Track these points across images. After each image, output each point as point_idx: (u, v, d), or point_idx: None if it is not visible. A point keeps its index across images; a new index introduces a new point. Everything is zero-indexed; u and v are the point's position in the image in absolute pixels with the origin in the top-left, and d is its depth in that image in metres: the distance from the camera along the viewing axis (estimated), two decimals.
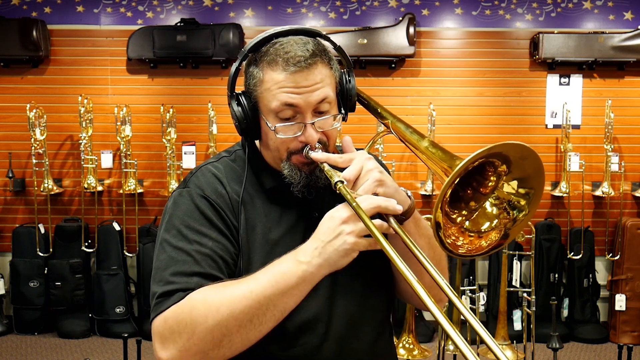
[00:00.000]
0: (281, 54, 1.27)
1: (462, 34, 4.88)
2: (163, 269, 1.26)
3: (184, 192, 1.34)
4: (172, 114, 4.66)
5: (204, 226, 1.29)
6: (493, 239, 1.21)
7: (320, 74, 1.29)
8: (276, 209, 1.36)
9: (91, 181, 4.71)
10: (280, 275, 1.18)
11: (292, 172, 1.33)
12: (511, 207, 1.21)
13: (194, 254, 1.26)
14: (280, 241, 1.34)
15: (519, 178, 1.19)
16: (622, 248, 4.64)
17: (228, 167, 1.39)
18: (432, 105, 4.65)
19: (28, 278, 4.66)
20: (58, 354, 4.35)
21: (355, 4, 4.87)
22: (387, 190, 1.24)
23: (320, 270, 1.18)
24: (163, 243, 1.29)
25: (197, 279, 1.24)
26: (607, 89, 4.83)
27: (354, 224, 1.16)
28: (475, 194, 1.24)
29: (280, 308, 1.19)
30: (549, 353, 3.98)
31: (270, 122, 1.30)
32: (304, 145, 1.31)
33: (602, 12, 4.84)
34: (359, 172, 1.24)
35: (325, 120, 1.32)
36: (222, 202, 1.32)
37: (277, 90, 1.28)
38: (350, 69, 1.39)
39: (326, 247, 1.16)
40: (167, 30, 4.68)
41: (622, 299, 4.58)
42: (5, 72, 4.87)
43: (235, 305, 1.17)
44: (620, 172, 4.72)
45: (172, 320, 1.20)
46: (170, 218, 1.32)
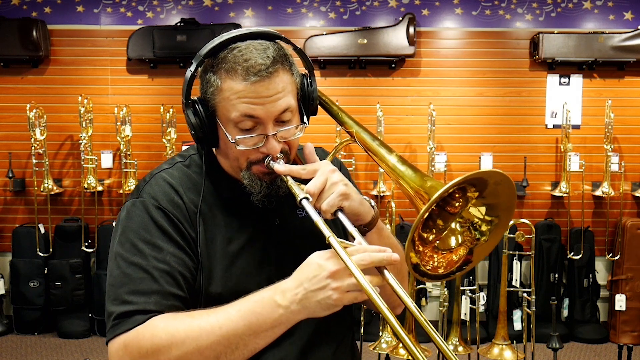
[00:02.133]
0: (240, 61, 1.20)
1: (462, 34, 4.88)
2: (118, 286, 1.20)
3: (137, 203, 1.27)
4: (172, 114, 4.66)
5: (160, 239, 1.22)
6: (461, 253, 1.20)
7: (281, 82, 1.22)
8: (235, 219, 1.31)
9: (91, 181, 4.71)
10: (255, 315, 1.12)
11: (252, 182, 1.27)
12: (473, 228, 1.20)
13: (151, 270, 1.19)
14: (241, 252, 1.29)
15: (488, 204, 1.17)
16: (622, 248, 4.64)
17: (183, 174, 1.32)
18: (432, 105, 4.65)
19: (28, 278, 4.66)
20: (58, 354, 4.35)
21: (355, 4, 4.87)
22: (352, 204, 1.22)
23: (298, 316, 1.12)
24: (117, 258, 1.23)
25: (156, 297, 1.18)
26: (607, 89, 4.83)
27: (342, 280, 1.08)
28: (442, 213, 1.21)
29: (251, 347, 1.14)
30: (549, 353, 3.98)
31: (230, 132, 1.24)
32: (265, 155, 1.25)
33: (602, 12, 4.84)
34: (323, 184, 1.20)
35: (287, 131, 1.26)
36: (179, 213, 1.26)
37: (236, 100, 1.21)
38: (312, 71, 1.34)
39: (308, 296, 1.10)
40: (167, 30, 4.68)
41: (622, 299, 4.58)
42: (5, 72, 4.87)
43: (202, 340, 1.12)
44: (620, 172, 4.72)
45: (132, 347, 1.15)
46: (124, 231, 1.24)
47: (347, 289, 1.08)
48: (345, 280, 1.08)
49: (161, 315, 1.17)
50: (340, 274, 1.08)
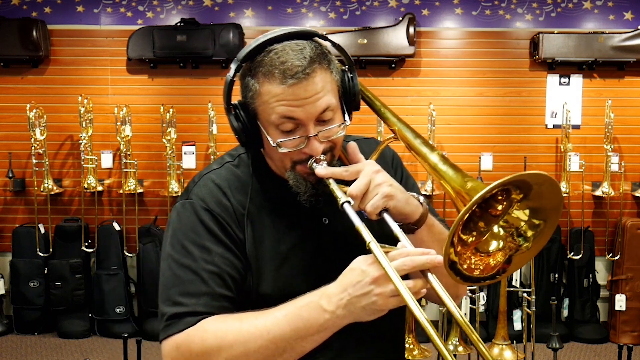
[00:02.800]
0: (277, 64, 1.19)
1: (462, 34, 4.88)
2: (169, 287, 1.23)
3: (186, 204, 1.29)
4: (172, 114, 4.65)
5: (209, 241, 1.24)
6: (498, 260, 1.17)
7: (320, 82, 1.21)
8: (284, 219, 1.31)
9: (91, 181, 4.71)
10: (301, 320, 1.13)
11: (297, 182, 1.27)
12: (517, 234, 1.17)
13: (200, 272, 1.22)
14: (290, 253, 1.29)
15: (533, 208, 1.15)
16: (622, 248, 4.63)
17: (231, 174, 1.32)
18: (432, 105, 4.65)
19: (28, 278, 4.66)
20: (58, 354, 4.35)
21: (355, 4, 4.87)
22: (397, 204, 1.20)
23: (343, 321, 1.13)
24: (168, 259, 1.26)
25: (206, 299, 1.21)
26: (607, 89, 4.83)
27: (384, 286, 1.08)
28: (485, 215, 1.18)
29: (298, 351, 1.16)
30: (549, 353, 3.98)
31: (271, 135, 1.24)
32: (309, 156, 1.24)
33: (602, 12, 4.84)
34: (366, 186, 1.19)
35: (329, 130, 1.25)
36: (227, 215, 1.27)
37: (275, 103, 1.20)
38: (352, 66, 1.31)
39: (352, 301, 1.10)
40: (167, 30, 4.68)
41: (622, 299, 4.58)
42: (5, 72, 4.87)
43: (250, 344, 1.15)
44: (620, 172, 4.72)
45: (184, 348, 1.18)
46: (174, 232, 1.27)
47: (390, 294, 1.08)
48: (388, 286, 1.08)
49: (211, 318, 1.19)
50: (382, 279, 1.08)
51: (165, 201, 4.79)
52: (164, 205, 4.82)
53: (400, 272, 1.07)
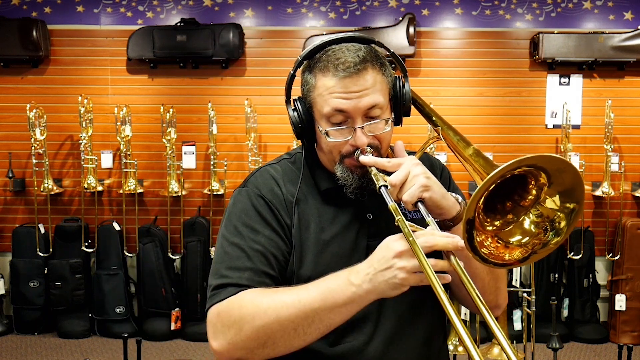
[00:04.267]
0: (332, 60, 1.31)
1: (462, 34, 4.88)
2: (219, 262, 1.34)
3: (242, 191, 1.41)
4: (172, 114, 4.65)
5: (258, 224, 1.35)
6: (514, 256, 1.18)
7: (370, 79, 1.31)
8: (330, 210, 1.40)
9: (91, 181, 4.71)
10: (330, 292, 1.20)
11: (344, 174, 1.36)
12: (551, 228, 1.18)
13: (247, 249, 1.32)
14: (332, 241, 1.37)
15: (561, 192, 1.16)
16: (622, 248, 4.63)
17: (287, 168, 1.44)
18: (432, 105, 4.64)
19: (28, 278, 4.66)
20: (58, 354, 4.35)
21: (355, 4, 4.87)
22: (433, 196, 1.24)
23: (369, 296, 1.18)
24: (221, 238, 1.37)
25: (249, 274, 1.30)
26: (607, 89, 4.83)
27: (407, 260, 1.14)
28: (515, 207, 1.21)
29: (326, 323, 1.22)
30: (549, 353, 3.98)
31: (322, 126, 1.34)
32: (355, 148, 1.33)
33: (602, 12, 4.84)
34: (405, 177, 1.25)
35: (375, 124, 1.33)
36: (277, 202, 1.37)
37: (328, 95, 1.31)
38: (405, 74, 1.41)
39: (377, 276, 1.16)
40: (167, 30, 4.68)
41: (622, 299, 4.58)
42: (5, 72, 4.87)
43: (282, 312, 1.21)
44: (620, 172, 4.72)
45: (223, 314, 1.26)
46: (229, 215, 1.39)
47: (412, 270, 1.13)
48: (410, 260, 1.14)
49: (250, 290, 1.27)
50: (405, 254, 1.14)
51: (165, 201, 4.79)
52: (163, 205, 4.82)
53: (424, 250, 1.12)
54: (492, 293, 1.39)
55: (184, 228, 4.75)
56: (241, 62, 4.82)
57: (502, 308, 1.45)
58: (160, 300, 4.63)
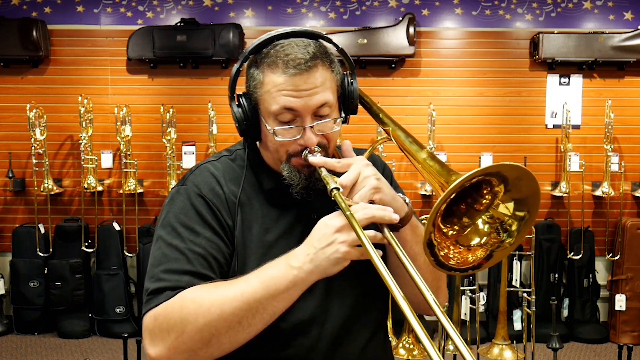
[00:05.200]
0: (281, 56, 1.26)
1: (462, 34, 4.88)
2: (156, 265, 1.28)
3: (181, 190, 1.35)
4: (172, 114, 4.65)
5: (198, 224, 1.30)
6: (478, 256, 1.20)
7: (320, 77, 1.27)
8: (274, 210, 1.36)
9: (91, 181, 4.71)
10: (271, 279, 1.18)
11: (291, 173, 1.32)
12: (502, 229, 1.20)
13: (186, 252, 1.27)
14: (276, 243, 1.33)
15: (516, 199, 1.18)
16: (622, 248, 4.64)
17: (227, 166, 1.39)
18: (432, 105, 4.65)
19: (28, 278, 4.66)
20: (58, 354, 4.35)
21: (355, 4, 4.87)
22: (383, 198, 1.24)
23: (311, 277, 1.17)
24: (158, 239, 1.31)
25: (188, 277, 1.24)
26: (607, 89, 4.83)
27: (347, 234, 1.14)
28: (469, 210, 1.22)
29: (270, 311, 1.19)
30: (549, 353, 3.98)
31: (270, 124, 1.30)
32: (303, 148, 1.30)
33: (602, 12, 4.84)
34: (355, 178, 1.24)
35: (324, 124, 1.30)
36: (218, 202, 1.32)
37: (276, 93, 1.27)
38: (353, 71, 1.38)
39: (318, 254, 1.16)
40: (167, 30, 4.68)
41: (622, 299, 4.58)
42: (5, 72, 4.87)
43: (225, 307, 1.18)
44: (620, 172, 4.72)
45: (162, 318, 1.21)
46: (167, 215, 1.33)
47: (353, 243, 1.14)
48: (351, 234, 1.14)
49: (189, 288, 1.23)
50: (346, 228, 1.15)
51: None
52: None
53: (363, 222, 1.14)
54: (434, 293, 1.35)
55: None
56: None
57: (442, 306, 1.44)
58: None
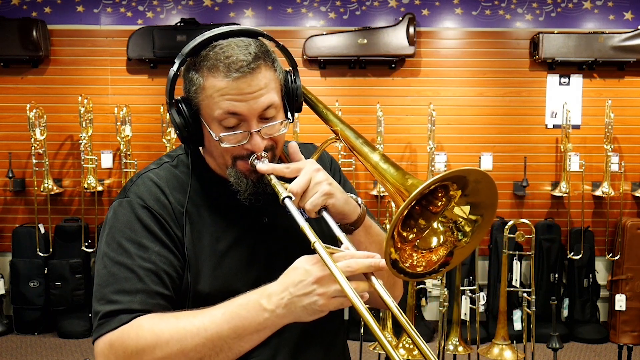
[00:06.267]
0: (222, 58, 1.20)
1: (462, 34, 4.88)
2: (104, 285, 1.20)
3: (124, 202, 1.26)
4: None
5: (146, 238, 1.22)
6: (441, 254, 1.19)
7: (264, 79, 1.22)
8: (223, 218, 1.30)
9: (91, 181, 4.71)
10: (240, 319, 1.11)
11: (238, 179, 1.26)
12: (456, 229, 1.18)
13: (136, 269, 1.19)
14: (228, 252, 1.28)
15: (472, 203, 1.16)
16: (622, 248, 4.63)
17: (170, 174, 1.31)
18: (432, 105, 4.64)
19: (28, 278, 4.66)
20: (58, 354, 4.35)
21: (355, 4, 4.87)
22: (336, 203, 1.20)
23: (283, 320, 1.11)
24: (104, 257, 1.22)
25: (141, 296, 1.18)
26: (607, 89, 4.83)
27: (327, 286, 1.07)
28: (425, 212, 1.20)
29: (235, 351, 1.14)
30: (549, 353, 3.98)
31: (214, 130, 1.23)
32: (250, 152, 1.24)
33: (602, 12, 4.84)
34: (306, 184, 1.19)
35: (272, 127, 1.25)
36: (165, 213, 1.25)
37: (219, 97, 1.20)
38: (295, 68, 1.33)
39: (294, 301, 1.09)
40: (167, 30, 4.68)
41: (622, 299, 4.58)
42: (5, 72, 4.87)
43: (187, 342, 1.12)
44: (620, 172, 4.72)
45: (118, 345, 1.15)
46: (111, 230, 1.24)
47: (332, 295, 1.07)
48: (330, 286, 1.07)
49: (147, 316, 1.16)
50: (325, 280, 1.07)
51: None
52: None
53: (345, 274, 1.06)
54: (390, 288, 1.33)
55: None
56: None
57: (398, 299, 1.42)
58: None
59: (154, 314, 1.17)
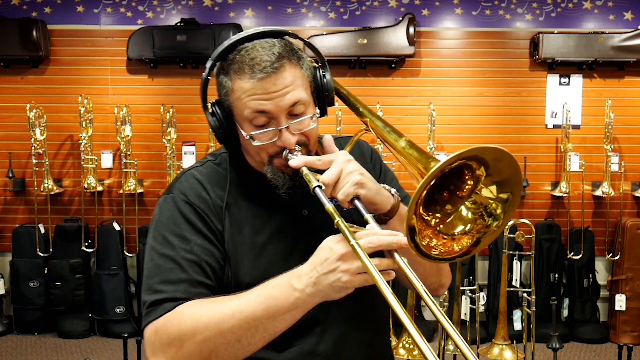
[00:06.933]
0: (247, 60, 1.25)
1: (462, 34, 4.88)
2: (150, 277, 1.27)
3: (168, 198, 1.34)
4: (172, 114, 4.65)
5: (188, 232, 1.29)
6: (464, 244, 1.19)
7: (289, 76, 1.25)
8: (263, 211, 1.35)
9: (91, 181, 4.71)
10: (272, 300, 1.16)
11: (275, 175, 1.31)
12: (487, 214, 1.19)
13: (179, 260, 1.26)
14: (268, 243, 1.32)
15: (498, 182, 1.16)
16: (622, 248, 4.63)
17: (212, 171, 1.38)
18: (432, 105, 4.65)
19: (28, 278, 4.66)
20: (58, 354, 4.35)
21: (355, 4, 4.87)
22: (368, 193, 1.23)
23: (313, 300, 1.15)
24: (150, 251, 1.30)
25: (184, 285, 1.24)
26: (607, 89, 4.83)
27: (351, 263, 1.11)
28: (452, 197, 1.21)
29: (271, 331, 1.18)
30: (549, 353, 3.98)
31: (245, 129, 1.28)
32: (283, 148, 1.28)
33: (602, 12, 4.84)
34: (338, 175, 1.22)
35: (301, 122, 1.28)
36: (206, 207, 1.32)
37: (247, 98, 1.25)
38: (324, 63, 1.36)
39: (320, 279, 1.13)
40: (167, 30, 4.68)
41: (622, 299, 4.58)
42: (5, 72, 4.87)
43: (224, 324, 1.17)
44: (620, 172, 4.72)
45: (162, 332, 1.21)
46: (156, 225, 1.32)
47: (356, 271, 1.11)
48: (354, 262, 1.11)
49: (189, 303, 1.22)
50: (349, 256, 1.11)
51: None
52: None
53: (367, 250, 1.09)
54: (435, 275, 1.39)
55: None
56: None
57: (446, 286, 1.45)
58: None
59: (195, 300, 1.22)
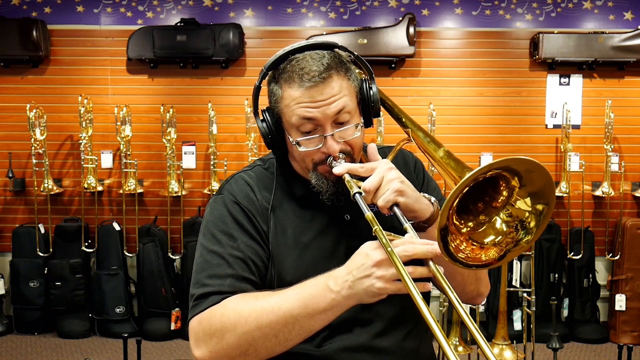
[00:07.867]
0: (297, 70, 1.32)
1: (462, 34, 4.88)
2: (199, 271, 1.34)
3: (218, 199, 1.42)
4: (172, 114, 4.65)
5: (235, 230, 1.36)
6: (491, 255, 1.20)
7: (337, 86, 1.32)
8: (307, 214, 1.41)
9: (91, 181, 4.71)
10: (310, 299, 1.21)
11: (319, 181, 1.37)
12: (521, 227, 1.20)
13: (227, 257, 1.33)
14: (311, 244, 1.38)
15: (532, 193, 1.18)
16: (622, 248, 4.63)
17: (261, 175, 1.45)
18: (432, 105, 4.65)
19: (28, 278, 4.66)
20: (58, 354, 4.35)
21: (355, 4, 4.87)
22: (407, 200, 1.26)
23: (349, 302, 1.20)
24: (200, 247, 1.38)
25: (230, 280, 1.31)
26: (607, 89, 4.83)
27: (386, 269, 1.15)
28: (487, 208, 1.23)
29: (307, 329, 1.23)
30: (549, 353, 3.98)
31: (292, 136, 1.35)
32: (328, 156, 1.34)
33: (602, 12, 4.84)
34: (379, 182, 1.26)
35: (345, 130, 1.34)
36: (253, 208, 1.39)
37: (295, 106, 1.32)
38: (372, 76, 1.42)
39: (355, 283, 1.17)
40: (167, 30, 4.68)
41: (622, 299, 4.58)
42: (5, 72, 4.87)
43: (263, 319, 1.23)
44: (620, 172, 4.72)
45: (205, 323, 1.28)
46: (207, 223, 1.40)
47: (390, 278, 1.14)
48: (389, 269, 1.14)
49: (233, 297, 1.29)
50: (384, 263, 1.15)
51: (165, 201, 4.79)
52: (163, 205, 4.82)
53: (402, 258, 1.13)
54: (473, 283, 1.42)
55: (184, 228, 4.75)
56: (241, 62, 4.82)
57: (484, 296, 1.48)
58: (160, 300, 4.63)
59: (239, 295, 1.29)
